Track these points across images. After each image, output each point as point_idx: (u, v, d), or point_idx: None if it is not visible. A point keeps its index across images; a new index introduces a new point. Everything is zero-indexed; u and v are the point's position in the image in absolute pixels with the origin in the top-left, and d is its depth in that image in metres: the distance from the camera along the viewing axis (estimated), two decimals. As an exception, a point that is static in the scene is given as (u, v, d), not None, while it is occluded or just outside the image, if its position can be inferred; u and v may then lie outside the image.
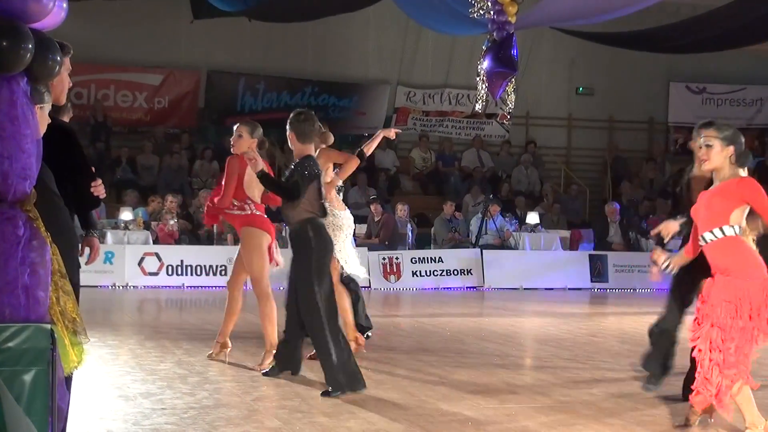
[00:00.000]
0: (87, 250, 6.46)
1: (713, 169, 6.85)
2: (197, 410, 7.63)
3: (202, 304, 16.65)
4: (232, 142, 10.19)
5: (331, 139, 11.00)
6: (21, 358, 4.54)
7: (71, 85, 6.04)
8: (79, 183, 5.71)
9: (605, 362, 10.75)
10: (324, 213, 8.91)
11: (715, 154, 6.81)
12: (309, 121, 9.09)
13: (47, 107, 5.16)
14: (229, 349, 10.33)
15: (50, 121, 5.29)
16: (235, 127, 10.21)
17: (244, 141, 10.00)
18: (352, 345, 9.88)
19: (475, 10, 16.08)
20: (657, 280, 7.90)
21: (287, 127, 9.07)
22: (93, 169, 5.90)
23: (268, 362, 9.54)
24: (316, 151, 9.60)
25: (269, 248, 9.96)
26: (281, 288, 9.21)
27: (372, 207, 21.00)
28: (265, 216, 10.12)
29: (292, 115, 9.24)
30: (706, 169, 6.90)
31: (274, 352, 9.42)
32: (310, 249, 8.60)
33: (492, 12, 16.05)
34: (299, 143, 8.98)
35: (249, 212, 9.91)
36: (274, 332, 9.74)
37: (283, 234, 19.75)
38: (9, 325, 4.55)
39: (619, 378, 9.76)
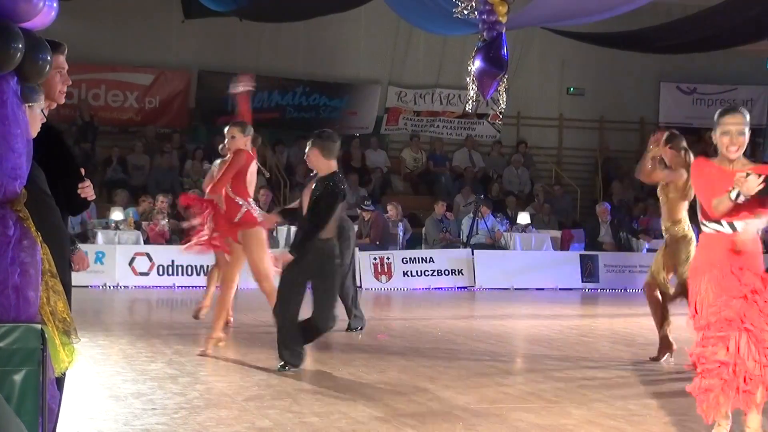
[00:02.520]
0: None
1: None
2: (188, 410, 7.62)
3: (192, 305, 16.55)
4: (226, 146, 10.31)
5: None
6: (11, 358, 4.53)
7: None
8: (66, 185, 5.68)
9: (596, 362, 10.76)
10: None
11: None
12: (332, 138, 9.33)
13: (37, 106, 5.15)
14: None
15: (45, 120, 5.28)
16: (226, 130, 10.32)
17: (238, 140, 10.11)
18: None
19: (459, 10, 16.07)
20: None
21: (309, 144, 9.29)
22: (83, 171, 5.86)
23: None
24: None
25: None
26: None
27: (362, 213, 20.94)
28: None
29: (315, 133, 9.50)
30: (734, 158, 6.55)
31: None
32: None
33: (481, 12, 16.05)
34: (324, 159, 9.20)
35: (246, 209, 10.04)
36: None
37: (274, 234, 19.79)
38: (-1, 326, 4.55)
39: (610, 378, 9.76)
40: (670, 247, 10.60)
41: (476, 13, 16.00)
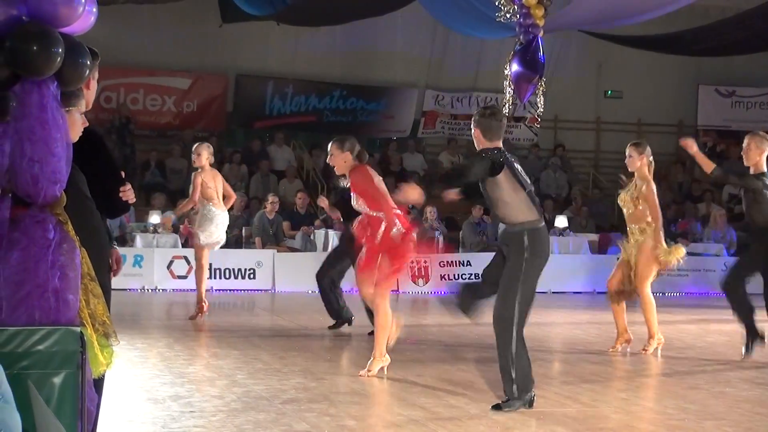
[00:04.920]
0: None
1: None
2: (226, 413, 7.65)
3: (230, 308, 16.68)
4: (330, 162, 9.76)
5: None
6: (51, 360, 4.57)
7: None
8: (107, 188, 5.73)
9: (634, 366, 10.72)
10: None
11: None
12: (496, 116, 8.11)
13: (76, 110, 5.19)
14: None
15: (87, 124, 5.32)
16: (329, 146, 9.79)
17: (336, 158, 9.64)
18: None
19: (502, 14, 16.08)
20: None
21: (472, 124, 8.06)
22: (123, 174, 5.90)
23: (376, 368, 9.45)
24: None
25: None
26: None
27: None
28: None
29: (477, 111, 8.24)
30: None
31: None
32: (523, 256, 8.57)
33: (519, 15, 16.06)
34: (485, 140, 8.05)
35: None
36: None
37: (312, 237, 19.87)
38: (39, 328, 4.59)
39: (648, 383, 9.72)
40: None
41: (518, 16, 16.01)
